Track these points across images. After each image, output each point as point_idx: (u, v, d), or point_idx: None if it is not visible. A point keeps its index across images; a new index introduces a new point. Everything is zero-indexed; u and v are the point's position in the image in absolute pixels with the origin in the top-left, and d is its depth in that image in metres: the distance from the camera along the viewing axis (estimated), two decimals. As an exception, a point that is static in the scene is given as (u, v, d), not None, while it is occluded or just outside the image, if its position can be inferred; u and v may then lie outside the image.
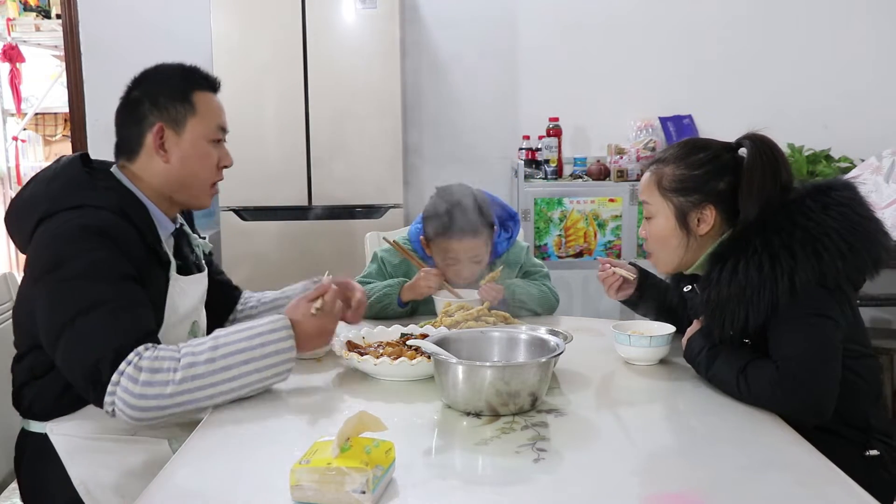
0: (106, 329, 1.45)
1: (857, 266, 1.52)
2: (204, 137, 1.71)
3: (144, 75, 1.75)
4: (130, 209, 1.62)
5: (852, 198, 1.56)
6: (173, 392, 1.42)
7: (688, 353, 1.66)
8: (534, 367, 1.43)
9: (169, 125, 1.68)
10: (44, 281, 1.51)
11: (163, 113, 1.68)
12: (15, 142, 5.02)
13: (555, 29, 4.03)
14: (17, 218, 1.66)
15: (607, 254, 3.67)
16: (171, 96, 1.69)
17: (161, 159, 1.68)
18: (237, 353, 1.47)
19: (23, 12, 4.89)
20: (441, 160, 3.99)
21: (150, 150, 1.68)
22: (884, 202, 3.27)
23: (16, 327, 1.66)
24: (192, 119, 1.69)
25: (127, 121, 1.72)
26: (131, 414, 1.42)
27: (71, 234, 1.51)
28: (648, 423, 1.48)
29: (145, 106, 1.69)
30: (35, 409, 1.62)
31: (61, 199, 1.58)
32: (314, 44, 3.51)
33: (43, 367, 1.59)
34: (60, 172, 1.65)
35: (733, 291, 1.52)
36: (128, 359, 1.42)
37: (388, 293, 2.15)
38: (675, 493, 1.15)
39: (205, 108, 1.72)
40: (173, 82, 1.72)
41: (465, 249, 2.17)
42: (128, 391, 1.41)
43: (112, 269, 1.50)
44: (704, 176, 1.64)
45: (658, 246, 1.73)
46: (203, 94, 1.73)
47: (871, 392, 1.59)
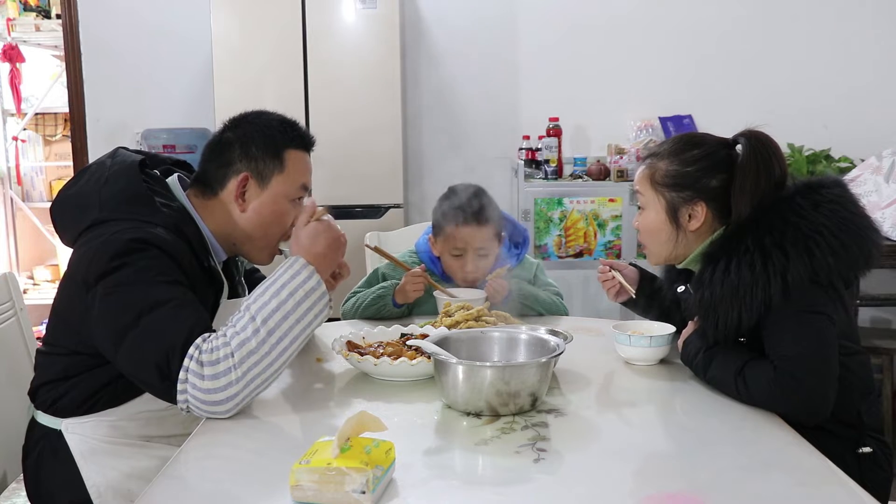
0: (172, 324, 1.43)
1: (849, 263, 1.52)
2: (286, 196, 1.70)
3: (244, 118, 1.73)
4: (187, 228, 1.60)
5: (842, 195, 1.55)
6: (239, 377, 1.39)
7: (684, 355, 1.66)
8: (534, 367, 1.43)
9: (255, 177, 1.67)
10: (99, 288, 1.48)
11: (251, 163, 1.67)
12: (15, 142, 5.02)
13: (555, 29, 4.04)
14: (64, 213, 1.64)
15: (607, 254, 3.67)
16: (264, 149, 1.67)
17: (238, 208, 1.68)
18: (273, 312, 1.43)
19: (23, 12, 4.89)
20: (441, 160, 4.00)
21: (229, 195, 1.68)
22: (884, 202, 3.27)
23: (55, 324, 1.64)
24: (279, 176, 1.68)
25: (214, 159, 1.70)
26: (209, 409, 1.40)
27: (122, 245, 1.49)
28: (648, 423, 1.48)
29: (236, 152, 1.68)
30: (58, 405, 1.61)
31: (114, 209, 1.57)
32: (314, 44, 3.51)
33: (78, 368, 1.58)
34: (117, 177, 1.62)
35: (726, 291, 1.52)
36: (189, 353, 1.40)
37: (381, 295, 2.15)
38: (674, 493, 1.15)
39: (293, 167, 1.70)
40: (269, 134, 1.69)
41: (472, 238, 2.17)
42: (197, 388, 1.39)
43: (165, 273, 1.49)
44: (697, 173, 1.64)
45: (648, 238, 1.74)
46: (295, 153, 1.71)
47: (863, 389, 1.59)
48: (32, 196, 5.11)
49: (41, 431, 1.64)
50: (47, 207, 5.70)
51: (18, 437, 1.70)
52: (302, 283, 1.47)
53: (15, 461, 1.73)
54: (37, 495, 1.66)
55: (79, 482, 1.59)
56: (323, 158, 3.54)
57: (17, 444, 1.70)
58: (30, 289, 4.96)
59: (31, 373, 1.68)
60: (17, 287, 1.94)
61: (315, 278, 1.49)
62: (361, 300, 2.17)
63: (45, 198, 5.11)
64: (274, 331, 1.43)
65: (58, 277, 5.07)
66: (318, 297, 1.49)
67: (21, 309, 1.93)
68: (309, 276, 1.49)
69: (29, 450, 1.66)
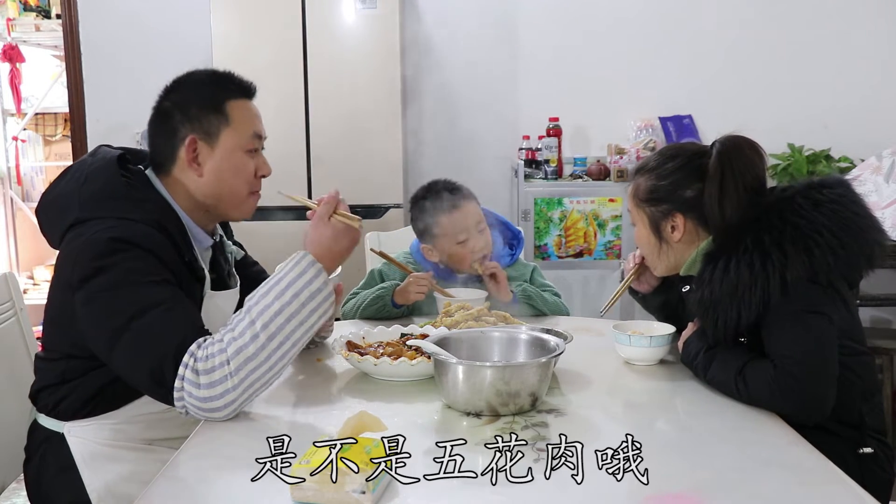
0: (164, 329, 1.41)
1: (850, 263, 1.51)
2: (240, 148, 1.64)
3: (176, 83, 1.67)
4: (168, 222, 1.56)
5: (844, 195, 1.55)
6: (235, 384, 1.37)
7: (685, 355, 1.66)
8: (534, 367, 1.43)
9: (202, 138, 1.61)
10: (84, 291, 1.46)
11: (194, 125, 1.61)
12: (15, 142, 5.02)
13: (555, 29, 4.04)
14: (48, 215, 1.62)
15: (607, 254, 3.68)
16: (203, 106, 1.61)
17: (195, 173, 1.62)
18: (275, 315, 1.40)
19: (23, 12, 4.89)
20: (441, 160, 3.99)
21: (183, 163, 1.62)
22: (884, 202, 3.27)
23: (49, 328, 1.62)
24: (226, 130, 1.62)
25: (158, 132, 1.64)
26: (208, 416, 1.40)
27: (103, 245, 1.46)
28: (648, 423, 1.48)
29: (176, 117, 1.61)
30: (59, 409, 1.60)
31: (94, 207, 1.53)
32: (314, 44, 3.51)
33: (75, 371, 1.57)
34: (96, 175, 1.58)
35: (725, 290, 1.52)
36: (184, 361, 1.38)
37: (381, 295, 2.16)
38: (675, 493, 1.15)
39: (239, 118, 1.63)
40: (204, 91, 1.63)
41: (468, 215, 2.19)
42: (194, 396, 1.38)
43: (151, 274, 1.46)
44: (671, 186, 1.66)
45: (644, 252, 1.78)
46: (237, 103, 1.64)
47: (865, 390, 1.59)
48: (32, 196, 5.10)
49: (43, 434, 1.63)
50: (47, 207, 5.59)
51: (17, 438, 1.70)
52: (308, 282, 1.44)
53: (14, 462, 1.73)
54: (38, 498, 1.65)
55: (80, 486, 1.58)
56: (323, 158, 3.59)
57: (15, 445, 1.70)
58: (30, 289, 4.96)
59: (31, 373, 1.68)
60: (17, 287, 1.94)
61: (322, 278, 1.46)
62: (361, 300, 2.17)
63: (45, 198, 5.11)
64: (275, 335, 1.40)
65: (58, 277, 5.07)
66: (323, 298, 1.45)
67: (21, 309, 1.93)
68: (316, 275, 1.45)
69: (31, 452, 1.66)
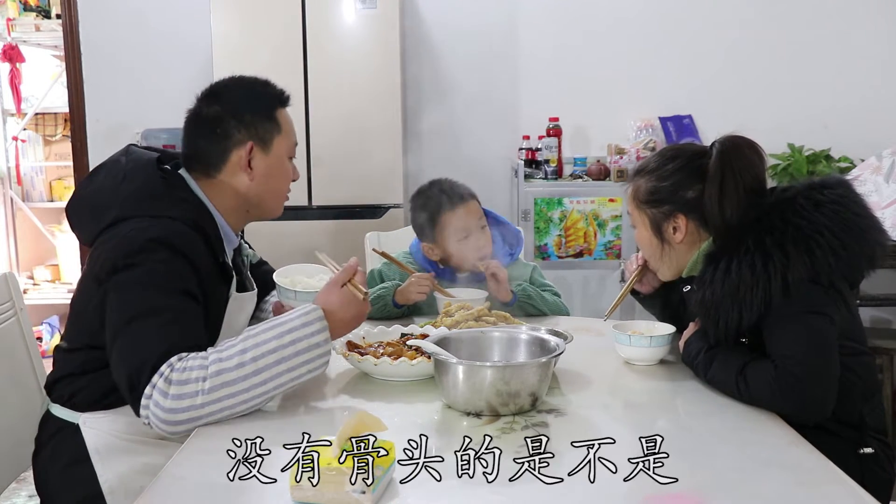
0: (155, 338, 1.43)
1: (851, 263, 1.52)
2: (287, 155, 1.75)
3: (220, 90, 1.74)
4: (204, 222, 1.62)
5: (845, 195, 1.55)
6: (204, 402, 1.38)
7: (685, 355, 1.66)
8: (534, 367, 1.43)
9: (258, 144, 1.69)
10: (110, 283, 1.50)
11: (251, 131, 1.69)
12: (15, 142, 5.02)
13: (555, 29, 4.03)
14: (82, 212, 1.65)
15: (607, 254, 3.68)
16: (258, 113, 1.70)
17: (247, 177, 1.69)
18: (268, 353, 1.42)
19: (23, 12, 4.88)
20: (441, 160, 3.99)
21: (234, 167, 1.69)
22: (884, 202, 3.27)
23: (73, 320, 1.66)
24: (278, 137, 1.72)
25: (203, 136, 1.70)
26: (165, 428, 1.41)
27: (139, 243, 1.50)
28: (648, 423, 1.48)
29: (230, 123, 1.68)
30: (76, 399, 1.62)
31: (134, 205, 1.58)
32: (314, 44, 3.51)
33: (95, 363, 1.59)
34: (134, 174, 1.63)
35: (727, 291, 1.52)
36: (160, 371, 1.40)
37: (381, 295, 2.16)
38: (675, 493, 1.15)
39: (286, 126, 1.75)
40: (257, 100, 1.73)
41: (469, 213, 2.21)
42: (159, 405, 1.39)
43: (172, 280, 1.50)
44: (672, 186, 1.66)
45: (647, 255, 1.77)
46: (283, 112, 1.76)
47: (865, 390, 1.59)
48: (32, 196, 5.11)
49: (56, 425, 1.64)
50: (47, 207, 5.66)
51: (18, 437, 1.70)
52: (310, 335, 1.46)
53: (14, 462, 1.72)
54: (46, 489, 1.65)
55: (92, 477, 1.59)
56: (323, 158, 3.58)
57: (16, 445, 1.70)
58: (30, 289, 4.96)
59: (31, 372, 1.68)
60: (17, 287, 1.94)
61: (323, 335, 1.47)
62: None
63: (45, 198, 5.11)
64: (261, 371, 1.41)
65: (58, 277, 5.07)
66: (318, 354, 1.47)
67: (21, 309, 1.93)
68: (319, 330, 1.47)
69: (42, 443, 1.66)
